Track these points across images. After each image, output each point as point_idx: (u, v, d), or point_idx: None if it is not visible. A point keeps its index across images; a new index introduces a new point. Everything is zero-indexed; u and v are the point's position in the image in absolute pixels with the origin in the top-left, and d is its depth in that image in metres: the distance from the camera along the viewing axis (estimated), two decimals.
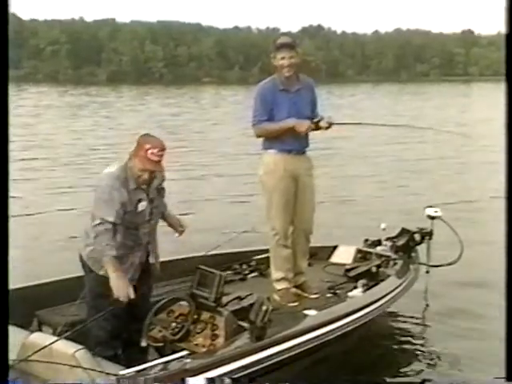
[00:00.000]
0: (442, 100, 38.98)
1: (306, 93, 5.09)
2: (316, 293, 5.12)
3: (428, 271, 5.81)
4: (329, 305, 4.77)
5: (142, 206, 3.99)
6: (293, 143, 4.99)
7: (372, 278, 5.29)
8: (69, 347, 3.46)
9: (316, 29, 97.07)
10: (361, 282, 5.23)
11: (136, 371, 3.49)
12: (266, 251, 5.32)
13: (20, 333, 3.71)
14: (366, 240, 6.01)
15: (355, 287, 5.18)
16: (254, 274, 5.54)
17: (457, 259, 5.71)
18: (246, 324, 3.97)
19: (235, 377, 3.65)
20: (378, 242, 5.92)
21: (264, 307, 3.88)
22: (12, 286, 3.00)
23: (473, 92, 56.08)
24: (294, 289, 5.11)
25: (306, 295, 5.11)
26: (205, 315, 4.10)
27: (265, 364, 3.85)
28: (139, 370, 3.51)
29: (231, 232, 6.40)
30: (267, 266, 5.34)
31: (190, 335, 4.03)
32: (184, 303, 4.17)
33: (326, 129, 5.01)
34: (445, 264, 5.80)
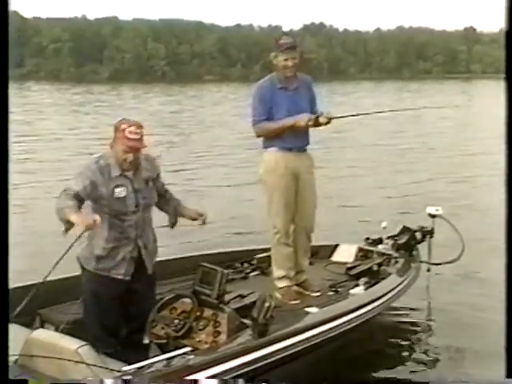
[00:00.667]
0: (444, 97, 38.88)
1: (305, 90, 5.09)
2: (317, 291, 5.14)
3: (429, 269, 5.83)
4: (330, 302, 4.78)
5: (120, 193, 3.96)
6: (293, 141, 4.98)
7: (373, 277, 5.30)
8: (72, 343, 3.48)
9: (318, 26, 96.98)
10: (362, 280, 5.24)
11: (139, 367, 3.51)
12: (268, 250, 5.35)
13: (23, 331, 3.73)
14: (367, 238, 6.02)
15: (357, 285, 5.19)
16: (256, 273, 5.55)
17: (458, 257, 5.74)
18: (249, 321, 4.00)
19: (237, 374, 3.67)
20: (380, 241, 5.93)
21: (266, 304, 3.89)
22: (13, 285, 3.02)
23: (477, 89, 55.89)
24: (296, 287, 5.11)
25: (308, 293, 5.11)
26: (207, 312, 4.11)
27: (267, 361, 3.87)
28: (142, 367, 3.52)
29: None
30: (269, 265, 5.35)
31: (193, 332, 4.03)
32: (186, 300, 4.18)
33: (326, 124, 4.99)
34: (446, 262, 5.82)
